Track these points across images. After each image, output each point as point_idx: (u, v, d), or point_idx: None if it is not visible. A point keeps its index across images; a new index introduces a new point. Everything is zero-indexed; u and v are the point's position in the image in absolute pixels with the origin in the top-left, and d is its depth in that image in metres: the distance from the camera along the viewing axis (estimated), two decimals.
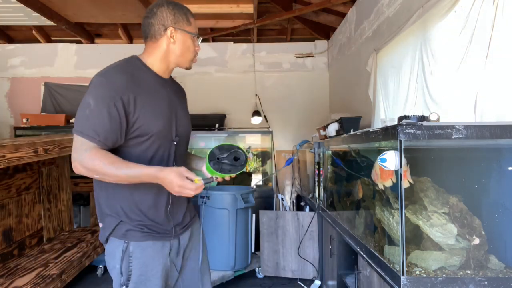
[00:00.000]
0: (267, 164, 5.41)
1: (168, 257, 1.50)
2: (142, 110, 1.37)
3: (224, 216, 3.38)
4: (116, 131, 1.33)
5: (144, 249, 1.45)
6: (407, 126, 1.44)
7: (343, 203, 2.68)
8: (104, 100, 1.30)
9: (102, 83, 1.34)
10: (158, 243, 1.47)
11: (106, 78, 1.36)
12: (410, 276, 1.46)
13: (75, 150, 1.31)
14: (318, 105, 5.67)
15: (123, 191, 1.42)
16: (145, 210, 1.45)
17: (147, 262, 1.45)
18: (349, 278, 2.46)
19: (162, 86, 1.49)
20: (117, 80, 1.35)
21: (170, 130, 1.47)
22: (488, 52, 1.87)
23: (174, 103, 1.52)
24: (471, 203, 1.65)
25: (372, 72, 3.53)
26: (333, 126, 3.11)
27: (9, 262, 3.14)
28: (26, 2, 4.22)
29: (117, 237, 1.45)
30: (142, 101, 1.38)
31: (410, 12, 2.80)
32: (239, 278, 3.53)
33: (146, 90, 1.41)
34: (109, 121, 1.30)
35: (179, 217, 1.56)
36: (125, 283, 1.47)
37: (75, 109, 4.49)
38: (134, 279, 1.46)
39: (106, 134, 1.30)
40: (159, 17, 1.44)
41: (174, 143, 1.49)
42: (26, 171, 3.51)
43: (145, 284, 1.46)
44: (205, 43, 5.75)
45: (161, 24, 1.44)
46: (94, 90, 1.34)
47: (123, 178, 1.31)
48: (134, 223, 1.44)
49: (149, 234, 1.45)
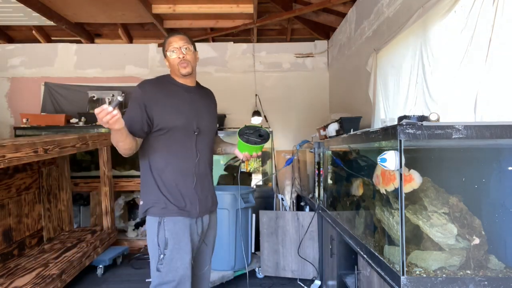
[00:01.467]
0: (267, 164, 5.41)
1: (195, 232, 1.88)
2: (161, 109, 1.83)
3: (224, 216, 3.38)
4: (138, 122, 1.79)
5: (175, 223, 1.81)
6: (407, 126, 1.44)
7: (343, 203, 2.68)
8: (134, 102, 1.83)
9: (135, 90, 1.86)
10: (186, 220, 1.84)
11: (138, 86, 1.88)
12: (410, 276, 1.46)
13: None
14: (318, 105, 5.67)
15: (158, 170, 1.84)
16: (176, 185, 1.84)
17: (179, 233, 1.81)
18: (349, 278, 2.46)
19: (186, 92, 1.95)
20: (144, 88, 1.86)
21: (191, 124, 1.89)
22: (488, 52, 1.87)
23: (197, 103, 1.96)
24: (471, 203, 1.65)
25: (372, 72, 3.53)
26: (333, 126, 3.11)
27: (9, 262, 3.14)
28: (26, 2, 4.22)
29: (154, 215, 1.82)
30: (162, 103, 1.84)
31: (410, 12, 2.80)
32: (239, 278, 3.54)
33: (168, 95, 1.88)
34: (134, 115, 1.80)
35: (203, 197, 1.91)
36: (163, 251, 1.79)
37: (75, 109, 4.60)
38: (170, 247, 1.79)
39: (130, 123, 1.76)
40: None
41: (196, 133, 1.89)
42: (26, 171, 3.51)
43: (178, 252, 1.80)
44: (205, 43, 5.75)
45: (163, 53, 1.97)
46: (131, 95, 1.88)
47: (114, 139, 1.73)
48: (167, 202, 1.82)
49: (178, 212, 1.82)
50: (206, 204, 1.93)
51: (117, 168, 4.76)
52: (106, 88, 5.44)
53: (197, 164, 1.89)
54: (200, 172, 1.91)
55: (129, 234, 4.78)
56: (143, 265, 4.06)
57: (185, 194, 1.85)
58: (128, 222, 4.95)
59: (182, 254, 1.80)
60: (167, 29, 5.33)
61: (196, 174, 1.88)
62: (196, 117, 1.91)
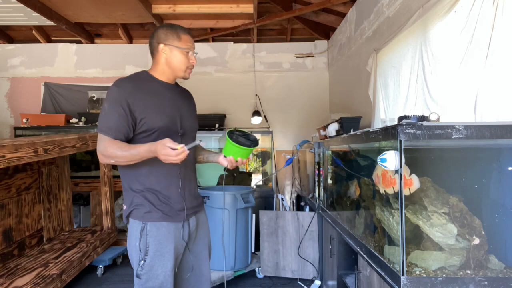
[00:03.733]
0: (267, 164, 5.41)
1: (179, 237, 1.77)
2: (145, 109, 1.69)
3: (224, 216, 3.39)
4: (125, 125, 1.65)
5: (159, 228, 1.71)
6: (407, 126, 1.44)
7: (343, 203, 2.68)
8: (115, 103, 1.65)
9: (113, 90, 1.70)
10: (171, 225, 1.74)
11: (116, 85, 1.71)
12: (410, 276, 1.46)
13: (98, 144, 1.65)
14: (318, 105, 5.67)
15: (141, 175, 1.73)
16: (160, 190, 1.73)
17: (162, 240, 1.71)
18: (349, 278, 2.46)
19: (167, 90, 1.81)
20: (124, 87, 1.70)
21: (175, 124, 1.77)
22: (488, 52, 1.87)
23: (178, 102, 1.83)
24: (471, 203, 1.65)
25: (372, 72, 3.53)
26: (333, 126, 3.11)
27: (9, 262, 3.14)
28: (26, 2, 4.22)
29: (137, 219, 1.72)
30: (145, 102, 1.70)
31: (410, 12, 2.80)
32: (239, 278, 3.54)
33: (150, 93, 1.73)
34: (118, 118, 1.64)
35: (189, 200, 1.82)
36: (143, 258, 1.70)
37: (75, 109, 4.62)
38: (151, 254, 1.70)
39: (116, 128, 1.64)
40: (155, 37, 1.77)
41: (180, 134, 1.79)
42: (26, 171, 3.51)
43: (159, 259, 1.71)
44: (205, 43, 5.75)
45: (156, 42, 1.77)
46: (108, 95, 1.70)
47: (130, 157, 1.62)
48: (151, 206, 1.72)
49: (163, 217, 1.72)
50: (192, 207, 1.84)
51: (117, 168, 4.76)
52: (106, 88, 5.43)
53: (182, 166, 1.77)
54: (185, 174, 1.81)
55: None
56: None
57: (171, 198, 1.75)
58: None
59: (164, 261, 1.71)
60: None
61: (181, 177, 1.78)
62: (179, 116, 1.79)
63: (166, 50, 1.75)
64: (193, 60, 1.79)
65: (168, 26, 1.78)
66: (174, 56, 1.76)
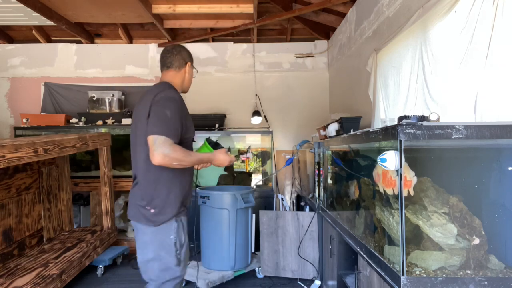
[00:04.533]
0: (267, 164, 5.41)
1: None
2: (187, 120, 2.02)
3: (224, 216, 3.39)
4: (180, 132, 1.94)
5: (184, 223, 2.04)
6: (407, 126, 1.44)
7: (343, 203, 2.68)
8: (176, 112, 1.93)
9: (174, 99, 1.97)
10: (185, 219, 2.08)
11: (175, 95, 2.00)
12: (410, 276, 1.46)
13: (159, 146, 1.82)
14: (318, 105, 5.67)
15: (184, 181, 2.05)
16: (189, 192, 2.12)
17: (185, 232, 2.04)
18: (349, 278, 2.46)
19: None
20: (180, 97, 2.03)
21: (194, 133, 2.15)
22: (488, 52, 1.87)
23: None
24: (471, 203, 1.65)
25: (372, 72, 3.53)
26: (333, 126, 3.11)
27: (9, 262, 3.14)
28: (26, 2, 4.22)
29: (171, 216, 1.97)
30: (186, 113, 2.04)
31: (410, 12, 2.80)
32: (239, 278, 3.54)
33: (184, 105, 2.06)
34: (180, 127, 1.93)
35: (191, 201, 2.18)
36: (179, 249, 1.98)
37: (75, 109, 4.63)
38: (185, 247, 2.03)
39: (177, 134, 1.92)
40: (183, 55, 2.14)
41: (194, 141, 2.16)
42: (26, 171, 3.51)
43: (187, 248, 2.06)
44: (205, 43, 5.75)
45: (184, 60, 2.14)
46: (168, 104, 1.93)
47: (193, 161, 1.97)
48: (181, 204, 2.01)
49: (185, 213, 2.06)
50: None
51: (117, 168, 4.76)
52: (106, 88, 5.44)
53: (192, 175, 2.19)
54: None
55: (129, 234, 4.78)
56: None
57: (189, 194, 2.13)
58: (128, 222, 4.95)
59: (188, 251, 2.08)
60: (167, 29, 5.33)
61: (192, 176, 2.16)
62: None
63: (189, 69, 2.16)
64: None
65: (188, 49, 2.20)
66: (190, 76, 2.19)
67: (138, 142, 1.99)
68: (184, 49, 2.15)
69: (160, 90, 1.97)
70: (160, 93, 1.95)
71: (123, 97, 5.37)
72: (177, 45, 2.19)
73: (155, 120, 1.86)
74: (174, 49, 2.12)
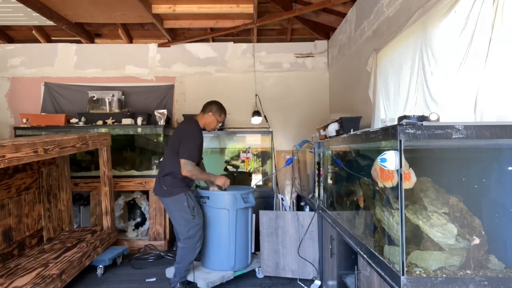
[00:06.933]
0: (267, 164, 5.41)
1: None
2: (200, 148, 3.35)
3: (224, 216, 3.39)
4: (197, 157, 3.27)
5: (190, 194, 3.24)
6: (407, 126, 1.44)
7: (343, 203, 2.68)
8: (196, 143, 3.25)
9: (198, 134, 3.29)
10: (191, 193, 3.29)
11: (199, 131, 3.32)
12: (410, 276, 1.46)
13: (187, 165, 3.15)
14: (318, 105, 5.67)
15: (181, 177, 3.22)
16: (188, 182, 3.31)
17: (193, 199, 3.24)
18: (349, 278, 2.46)
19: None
20: (199, 134, 3.32)
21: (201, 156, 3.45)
22: (488, 52, 1.87)
23: None
24: (471, 203, 1.65)
25: (372, 72, 3.53)
26: (333, 126, 3.10)
27: (9, 262, 3.14)
28: (26, 2, 4.22)
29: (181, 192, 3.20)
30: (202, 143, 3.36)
31: (410, 12, 2.80)
32: (239, 278, 3.54)
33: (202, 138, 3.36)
34: (197, 154, 3.27)
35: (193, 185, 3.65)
36: (192, 208, 3.18)
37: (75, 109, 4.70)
38: (197, 208, 3.25)
39: (196, 159, 3.23)
40: (212, 105, 3.42)
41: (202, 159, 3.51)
42: (26, 171, 3.51)
43: (198, 209, 3.29)
44: (205, 43, 5.75)
45: (209, 109, 3.41)
46: (193, 139, 3.24)
47: (204, 178, 3.40)
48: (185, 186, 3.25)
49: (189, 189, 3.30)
50: None
51: (117, 168, 4.75)
52: (106, 88, 5.44)
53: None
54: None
55: (129, 234, 4.78)
56: (143, 265, 4.06)
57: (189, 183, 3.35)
58: (128, 222, 4.95)
59: (199, 209, 3.29)
60: (167, 29, 5.33)
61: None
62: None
63: (210, 117, 3.40)
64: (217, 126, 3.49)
65: (220, 105, 3.44)
66: (212, 122, 3.43)
67: (170, 150, 3.27)
68: (215, 103, 3.41)
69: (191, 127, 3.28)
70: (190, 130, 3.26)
71: (123, 97, 5.38)
72: (211, 100, 3.43)
73: (185, 150, 3.15)
74: (209, 101, 3.43)
